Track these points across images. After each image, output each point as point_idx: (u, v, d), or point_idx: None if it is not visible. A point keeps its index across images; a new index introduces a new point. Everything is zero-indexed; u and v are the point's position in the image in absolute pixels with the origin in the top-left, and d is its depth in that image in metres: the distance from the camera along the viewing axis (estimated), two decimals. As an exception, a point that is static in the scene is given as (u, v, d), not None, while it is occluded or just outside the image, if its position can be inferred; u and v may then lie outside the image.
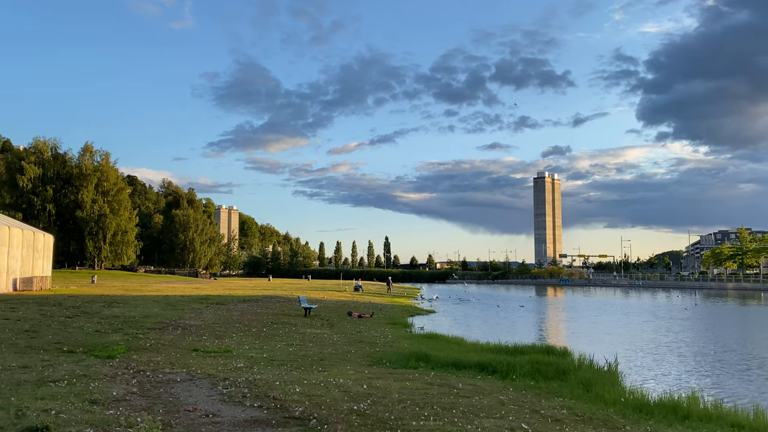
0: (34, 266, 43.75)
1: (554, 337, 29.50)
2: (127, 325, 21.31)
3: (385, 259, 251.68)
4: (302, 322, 27.01)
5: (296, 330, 23.29)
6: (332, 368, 13.88)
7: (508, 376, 13.65)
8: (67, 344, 15.79)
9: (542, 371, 14.28)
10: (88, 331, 19.04)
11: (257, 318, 27.45)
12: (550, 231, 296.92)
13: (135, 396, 9.52)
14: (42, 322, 20.78)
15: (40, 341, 16.21)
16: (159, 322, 22.59)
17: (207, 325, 23.06)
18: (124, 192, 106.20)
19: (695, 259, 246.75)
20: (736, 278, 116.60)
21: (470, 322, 37.93)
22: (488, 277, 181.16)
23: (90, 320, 22.16)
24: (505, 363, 14.34)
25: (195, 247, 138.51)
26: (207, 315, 27.11)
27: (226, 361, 14.14)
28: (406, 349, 17.48)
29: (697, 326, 36.73)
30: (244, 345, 17.84)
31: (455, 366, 14.62)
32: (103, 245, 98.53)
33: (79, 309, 26.63)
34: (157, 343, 16.92)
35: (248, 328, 22.98)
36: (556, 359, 15.93)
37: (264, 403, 9.43)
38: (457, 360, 15.10)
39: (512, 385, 12.60)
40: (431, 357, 15.58)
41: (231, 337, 19.62)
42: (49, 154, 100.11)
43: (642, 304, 64.83)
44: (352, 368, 14.05)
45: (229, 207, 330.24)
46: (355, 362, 15.45)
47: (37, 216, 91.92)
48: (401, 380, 12.38)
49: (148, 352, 14.99)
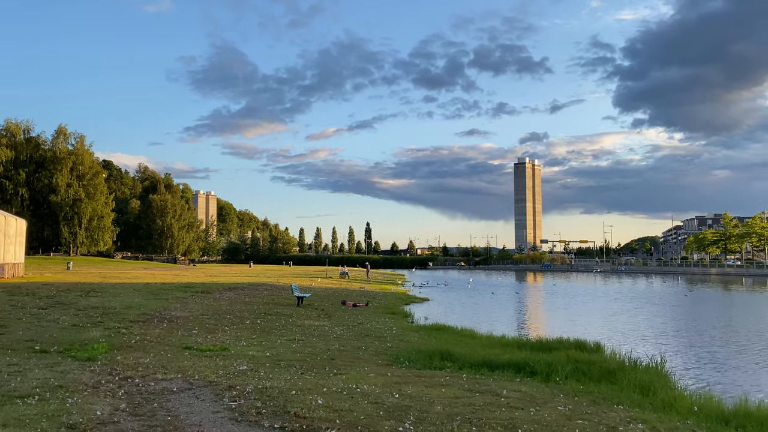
0: (6, 252, 41.27)
1: (560, 327, 27.94)
2: (108, 317, 19.30)
3: (366, 245, 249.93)
4: (297, 312, 25.15)
5: (293, 322, 21.43)
6: (348, 370, 12.09)
7: (551, 378, 11.94)
8: (39, 342, 13.81)
9: (585, 371, 12.59)
10: (64, 325, 17.02)
11: (248, 308, 25.53)
12: (530, 217, 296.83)
13: (124, 416, 7.62)
14: (12, 315, 18.71)
15: (9, 338, 14.21)
16: (142, 314, 20.60)
17: (195, 316, 21.11)
18: (100, 176, 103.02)
19: (673, 244, 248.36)
20: (719, 263, 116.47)
21: (469, 310, 36.36)
22: (470, 263, 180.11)
23: (66, 312, 20.11)
24: (543, 363, 12.61)
25: (173, 233, 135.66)
26: (193, 305, 25.13)
27: (226, 362, 12.27)
28: (424, 346, 15.72)
29: (709, 313, 35.37)
30: (240, 341, 15.95)
31: (487, 366, 12.88)
32: (79, 231, 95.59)
33: (54, 299, 24.52)
34: (143, 340, 14.97)
35: (240, 320, 21.08)
36: (595, 356, 14.26)
37: (285, 422, 7.62)
38: (487, 359, 13.35)
39: (560, 390, 10.89)
40: (455, 355, 13.83)
41: (224, 331, 17.71)
42: (21, 136, 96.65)
43: (635, 289, 63.77)
44: (371, 369, 12.26)
45: (207, 192, 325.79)
46: (371, 361, 13.66)
47: (10, 201, 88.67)
48: (433, 386, 10.63)
49: (134, 351, 13.06)
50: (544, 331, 24.82)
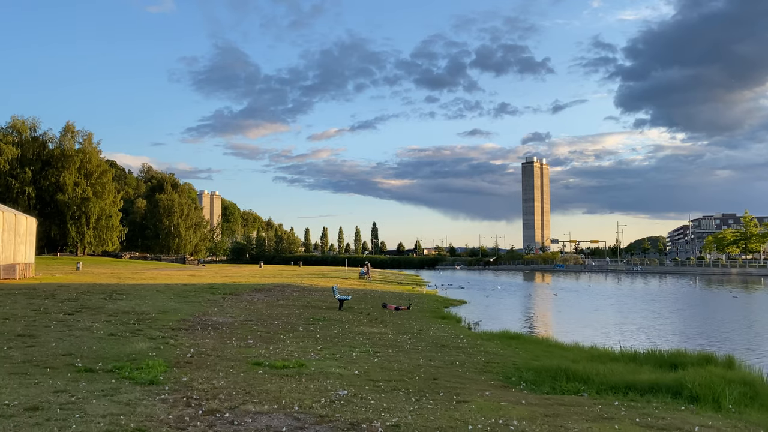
0: (16, 252, 39.05)
1: (640, 334, 25.62)
2: (145, 324, 17.00)
3: (373, 245, 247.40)
4: (344, 316, 22.82)
5: (349, 329, 19.10)
6: (466, 394, 9.78)
7: (721, 405, 9.62)
8: (79, 356, 11.55)
9: (751, 395, 10.28)
10: (99, 334, 14.71)
11: (289, 312, 23.22)
12: (538, 216, 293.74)
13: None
14: (37, 321, 16.42)
15: (42, 351, 11.94)
16: (182, 320, 18.30)
17: (240, 322, 18.80)
18: (108, 175, 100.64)
19: (684, 243, 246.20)
20: (740, 263, 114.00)
21: (515, 314, 34.07)
22: (479, 263, 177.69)
23: (96, 318, 17.80)
24: (704, 385, 10.25)
25: (180, 233, 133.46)
26: (230, 309, 22.82)
27: (315, 383, 9.97)
28: (527, 361, 13.42)
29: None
30: (308, 352, 13.64)
31: (630, 389, 10.55)
32: (87, 230, 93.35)
33: (77, 302, 22.23)
34: (199, 353, 12.67)
35: (291, 326, 18.76)
36: (741, 374, 11.93)
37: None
38: (625, 379, 11.00)
39: (750, 424, 8.59)
40: (578, 373, 11.52)
41: (282, 341, 15.41)
42: (28, 134, 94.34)
43: (669, 291, 61.39)
44: (494, 395, 9.94)
45: (212, 192, 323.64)
46: (480, 381, 11.36)
47: (16, 199, 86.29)
48: (595, 419, 8.31)
49: (197, 370, 10.75)
50: (626, 340, 22.48)
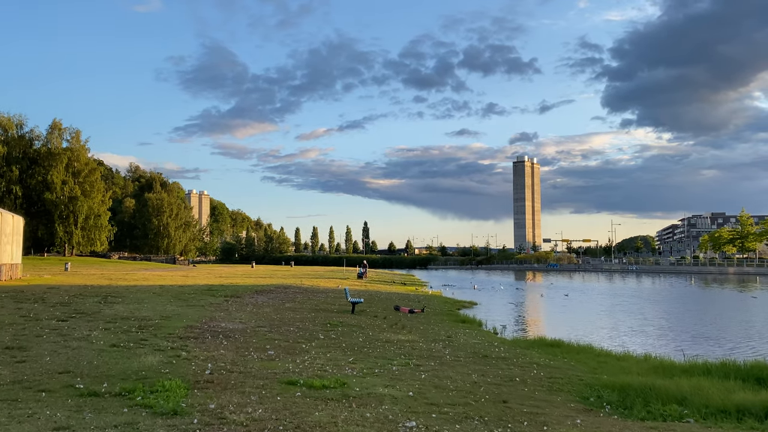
0: (3, 252, 36.97)
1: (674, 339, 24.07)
2: (148, 332, 15.18)
3: (364, 244, 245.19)
4: (362, 321, 21.05)
5: (374, 336, 17.34)
6: (549, 421, 8.12)
7: None
8: (79, 374, 9.76)
9: None
10: (99, 345, 12.89)
11: (301, 316, 21.45)
12: (529, 216, 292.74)
13: None
14: (27, 330, 14.55)
15: (35, 368, 10.14)
16: (188, 327, 16.48)
17: (252, 329, 17.01)
18: (97, 173, 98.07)
19: (671, 242, 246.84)
20: (737, 263, 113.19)
21: (534, 316, 32.42)
22: (472, 263, 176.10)
23: (93, 325, 15.95)
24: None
25: (170, 233, 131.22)
26: (237, 313, 21.02)
27: (367, 408, 8.24)
28: (604, 379, 11.73)
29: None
30: (341, 366, 11.90)
31: (744, 413, 8.91)
32: (75, 230, 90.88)
33: (70, 307, 20.34)
34: (218, 368, 10.88)
35: (309, 333, 17.00)
36: None
37: None
38: (735, 402, 9.34)
39: None
40: (672, 393, 9.85)
41: (305, 351, 13.65)
42: (14, 131, 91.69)
43: (675, 291, 60.04)
44: (589, 424, 8.27)
45: (200, 192, 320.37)
46: (554, 402, 9.67)
47: (2, 198, 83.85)
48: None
49: (223, 392, 8.98)
50: (663, 345, 20.91)
